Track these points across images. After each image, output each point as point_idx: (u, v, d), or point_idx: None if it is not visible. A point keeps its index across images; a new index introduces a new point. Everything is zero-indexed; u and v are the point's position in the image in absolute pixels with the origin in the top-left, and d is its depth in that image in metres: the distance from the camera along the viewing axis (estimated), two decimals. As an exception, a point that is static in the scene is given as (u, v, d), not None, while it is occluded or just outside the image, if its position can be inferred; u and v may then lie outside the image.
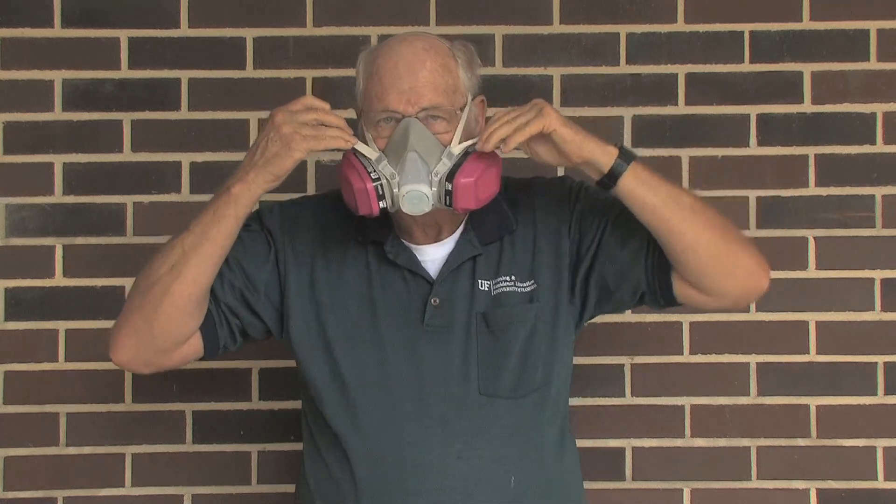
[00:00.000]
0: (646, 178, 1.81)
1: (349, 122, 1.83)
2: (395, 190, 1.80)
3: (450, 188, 1.80)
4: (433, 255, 1.93)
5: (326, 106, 1.80)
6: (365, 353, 1.88)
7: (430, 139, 1.82)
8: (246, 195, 1.79)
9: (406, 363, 1.87)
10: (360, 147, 1.84)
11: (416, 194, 1.80)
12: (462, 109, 1.87)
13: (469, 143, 1.84)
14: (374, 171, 1.81)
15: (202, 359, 1.95)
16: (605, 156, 1.80)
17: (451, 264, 1.91)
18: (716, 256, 1.83)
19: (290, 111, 1.77)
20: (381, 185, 1.81)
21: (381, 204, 1.82)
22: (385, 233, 1.93)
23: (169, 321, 1.84)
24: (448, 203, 1.82)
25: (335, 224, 1.97)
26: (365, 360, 1.88)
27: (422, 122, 1.82)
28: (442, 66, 1.86)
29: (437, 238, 1.94)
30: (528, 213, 1.96)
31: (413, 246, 1.94)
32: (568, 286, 1.93)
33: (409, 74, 1.83)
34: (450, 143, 1.83)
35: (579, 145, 1.78)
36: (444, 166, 1.81)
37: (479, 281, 1.91)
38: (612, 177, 1.80)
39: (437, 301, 1.89)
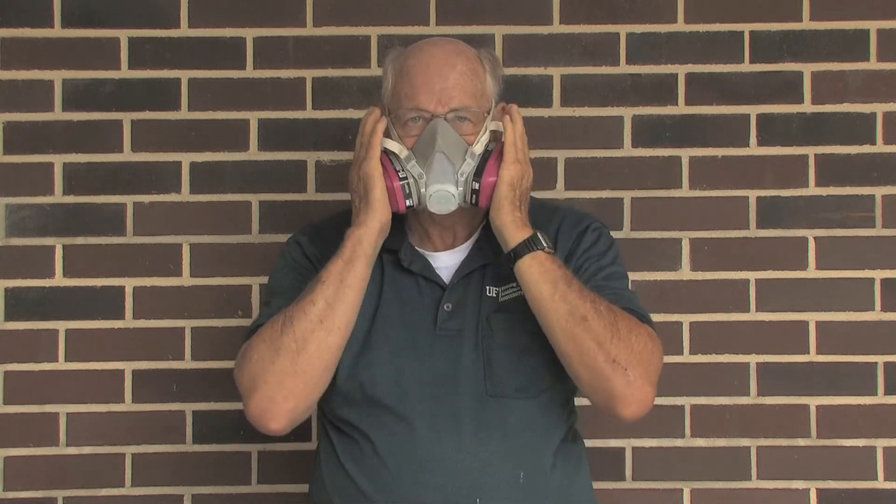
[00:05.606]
0: (539, 273, 1.85)
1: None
2: (423, 189, 1.88)
3: (477, 187, 1.88)
4: (446, 263, 1.98)
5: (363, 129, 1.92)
6: (380, 356, 1.92)
7: (456, 140, 1.89)
8: (367, 235, 1.87)
9: (419, 365, 1.91)
10: (389, 144, 1.91)
11: (443, 194, 1.87)
12: (488, 113, 1.94)
13: (487, 140, 1.92)
14: (403, 169, 1.89)
15: None
16: (516, 233, 1.87)
17: (463, 271, 1.97)
18: (578, 370, 1.85)
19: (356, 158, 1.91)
20: (408, 183, 1.89)
21: (408, 202, 1.89)
22: (400, 241, 1.98)
23: (326, 373, 1.88)
24: (474, 202, 1.90)
25: None
26: (380, 362, 1.92)
27: (449, 123, 1.88)
28: (471, 70, 1.93)
29: (451, 245, 2.00)
30: (544, 229, 1.97)
31: (427, 253, 1.99)
32: None
33: (439, 76, 1.90)
34: (473, 144, 1.90)
35: (505, 210, 1.87)
36: (469, 166, 1.89)
37: (487, 287, 1.96)
38: (513, 255, 1.86)
39: (450, 306, 1.94)
